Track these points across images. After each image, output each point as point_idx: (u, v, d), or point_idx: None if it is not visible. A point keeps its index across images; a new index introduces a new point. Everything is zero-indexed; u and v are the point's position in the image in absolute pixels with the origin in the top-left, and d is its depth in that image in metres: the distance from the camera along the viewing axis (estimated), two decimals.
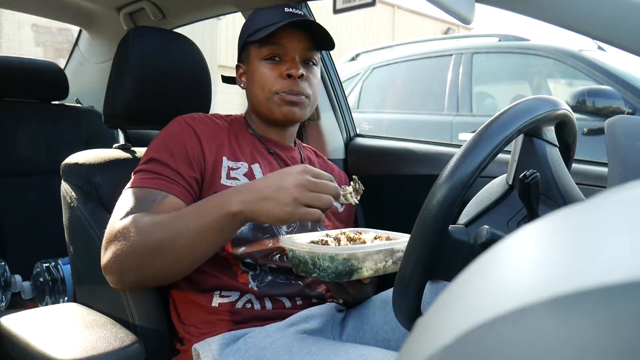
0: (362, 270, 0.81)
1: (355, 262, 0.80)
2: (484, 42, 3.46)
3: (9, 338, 0.90)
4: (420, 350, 0.23)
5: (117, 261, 0.83)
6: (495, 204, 0.76)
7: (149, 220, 0.83)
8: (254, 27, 1.04)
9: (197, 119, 1.01)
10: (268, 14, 1.03)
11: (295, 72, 1.00)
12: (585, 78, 2.82)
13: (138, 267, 0.83)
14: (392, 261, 0.85)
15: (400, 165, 1.44)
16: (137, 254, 0.82)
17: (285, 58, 1.03)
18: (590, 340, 0.17)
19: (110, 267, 0.85)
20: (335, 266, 0.80)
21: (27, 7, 1.89)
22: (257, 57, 1.04)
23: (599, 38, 0.71)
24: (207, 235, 0.81)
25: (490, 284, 0.22)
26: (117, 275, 0.85)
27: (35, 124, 1.76)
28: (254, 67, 1.04)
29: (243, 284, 0.95)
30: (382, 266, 0.84)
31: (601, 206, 0.24)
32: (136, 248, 0.81)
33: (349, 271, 0.80)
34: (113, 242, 0.84)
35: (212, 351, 0.87)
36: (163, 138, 0.97)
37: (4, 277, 1.52)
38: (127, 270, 0.84)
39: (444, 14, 0.73)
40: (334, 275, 0.80)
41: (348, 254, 0.80)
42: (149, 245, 0.81)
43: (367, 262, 0.81)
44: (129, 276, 0.85)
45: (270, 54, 1.02)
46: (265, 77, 1.02)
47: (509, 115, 0.67)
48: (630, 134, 0.55)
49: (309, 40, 1.04)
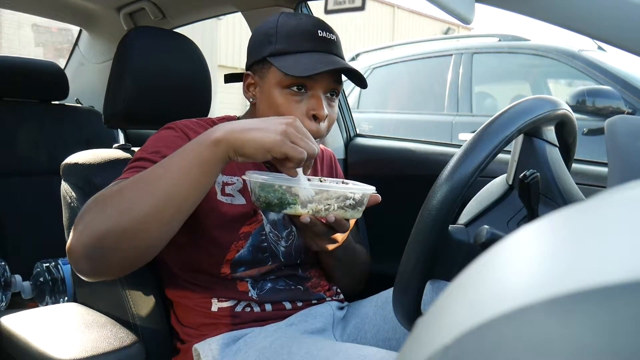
0: (297, 207, 0.77)
1: (290, 196, 0.77)
2: (484, 42, 3.46)
3: (9, 338, 0.90)
4: (420, 350, 0.23)
5: (89, 233, 0.72)
6: (495, 204, 0.77)
7: (124, 182, 0.76)
8: (279, 45, 0.91)
9: (191, 127, 0.94)
10: (297, 32, 0.91)
11: (321, 115, 0.89)
12: (585, 78, 2.82)
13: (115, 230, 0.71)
14: (339, 206, 0.79)
15: (400, 165, 1.44)
16: (116, 210, 0.72)
17: (311, 92, 0.91)
18: (590, 340, 0.17)
19: (82, 241, 0.72)
20: (265, 195, 0.77)
21: (27, 7, 1.89)
22: (277, 82, 0.91)
23: (599, 38, 0.71)
24: (188, 172, 0.72)
25: (490, 284, 0.22)
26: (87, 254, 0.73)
27: (35, 124, 1.76)
28: (271, 92, 0.92)
29: (242, 292, 0.94)
30: (325, 208, 0.78)
31: (601, 206, 0.24)
32: (114, 203, 0.72)
33: (278, 203, 0.77)
34: (87, 211, 0.74)
35: (212, 351, 0.87)
36: (155, 140, 0.91)
37: (4, 277, 1.52)
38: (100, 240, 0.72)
39: (444, 14, 0.73)
40: (265, 205, 0.78)
41: (279, 185, 0.76)
42: (125, 195, 0.72)
43: (307, 201, 0.77)
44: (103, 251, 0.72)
45: (293, 84, 0.90)
46: (283, 108, 0.90)
47: (509, 115, 0.67)
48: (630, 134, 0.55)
49: (336, 73, 0.92)
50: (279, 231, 0.98)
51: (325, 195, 0.78)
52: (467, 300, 0.22)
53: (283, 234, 0.98)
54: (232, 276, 0.92)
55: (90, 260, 0.74)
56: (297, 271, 0.99)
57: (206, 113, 1.23)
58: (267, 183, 0.77)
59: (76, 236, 0.73)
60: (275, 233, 0.97)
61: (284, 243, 0.97)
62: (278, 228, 0.98)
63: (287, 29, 0.91)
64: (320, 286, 1.02)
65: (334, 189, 0.78)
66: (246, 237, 0.93)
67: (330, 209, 0.79)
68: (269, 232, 0.96)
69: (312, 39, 0.90)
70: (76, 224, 0.74)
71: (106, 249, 0.72)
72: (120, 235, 0.71)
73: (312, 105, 0.90)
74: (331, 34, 0.93)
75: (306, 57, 0.89)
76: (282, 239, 0.98)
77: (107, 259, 0.73)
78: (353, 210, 0.81)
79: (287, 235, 0.98)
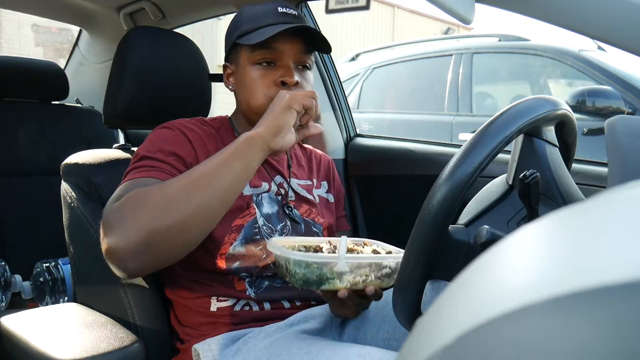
0: (336, 281, 0.78)
1: (327, 271, 0.77)
2: (484, 42, 3.46)
3: (9, 338, 0.90)
4: (420, 350, 0.23)
5: (136, 232, 0.74)
6: (495, 204, 0.76)
7: (161, 183, 0.80)
8: (244, 27, 0.97)
9: (187, 126, 0.97)
10: (260, 13, 0.97)
11: (290, 80, 0.94)
12: (585, 78, 2.82)
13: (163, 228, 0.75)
14: (376, 276, 0.81)
15: (400, 165, 1.44)
16: (158, 210, 0.75)
17: (279, 63, 0.96)
18: (590, 340, 0.17)
19: (128, 243, 0.75)
20: (303, 273, 0.77)
21: (27, 7, 1.89)
22: (248, 60, 0.97)
23: (599, 38, 0.71)
24: (230, 166, 0.79)
25: (490, 284, 0.22)
26: (138, 253, 0.75)
27: (35, 124, 1.76)
28: (245, 72, 0.98)
29: (240, 291, 0.94)
30: (363, 280, 0.80)
31: (601, 206, 0.24)
32: (155, 204, 0.75)
33: (317, 280, 0.77)
34: (121, 213, 0.77)
35: (212, 351, 0.87)
36: (154, 139, 0.93)
37: (4, 277, 1.52)
38: (151, 237, 0.75)
39: (444, 14, 0.73)
40: (302, 282, 0.77)
41: (318, 263, 0.77)
42: (168, 197, 0.76)
43: (344, 274, 0.78)
44: (152, 245, 0.75)
45: (262, 58, 0.96)
46: (256, 83, 0.96)
47: (509, 115, 0.67)
48: (630, 134, 0.55)
49: (304, 43, 0.97)
50: (273, 224, 0.98)
51: (361, 267, 0.78)
52: (467, 300, 0.22)
53: (277, 227, 0.99)
54: (229, 270, 0.93)
55: (138, 258, 0.76)
56: None
57: (206, 113, 1.23)
58: (303, 260, 0.76)
59: (120, 236, 0.75)
60: (269, 226, 0.98)
61: (278, 236, 0.98)
62: (272, 221, 0.99)
63: (251, 12, 0.99)
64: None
65: (368, 260, 0.79)
66: (238, 229, 0.94)
67: (368, 280, 0.80)
68: (262, 225, 0.97)
69: (274, 14, 0.97)
70: (113, 226, 0.77)
71: (156, 246, 0.75)
72: (169, 231, 0.75)
73: (281, 74, 0.96)
74: (292, 10, 0.99)
75: (268, 28, 0.94)
76: (276, 232, 0.98)
77: (155, 255, 0.77)
78: (389, 279, 0.82)
79: (281, 228, 0.99)
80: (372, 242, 0.93)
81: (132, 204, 0.77)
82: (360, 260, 0.78)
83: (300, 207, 1.05)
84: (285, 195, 1.04)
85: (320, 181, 1.15)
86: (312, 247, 0.86)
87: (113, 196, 0.84)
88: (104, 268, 0.97)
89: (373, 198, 1.48)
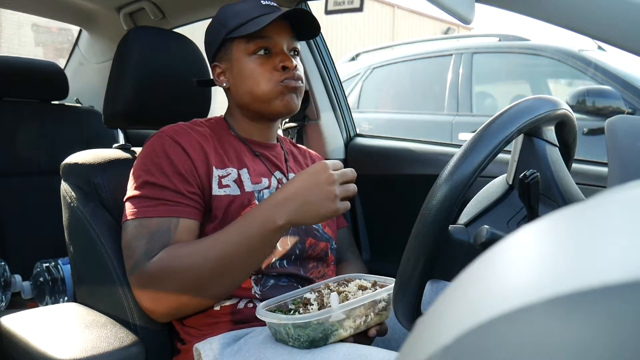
0: (340, 331, 0.78)
1: (329, 325, 0.77)
2: (484, 42, 3.46)
3: (9, 338, 0.90)
4: (420, 350, 0.23)
5: (173, 301, 0.86)
6: (495, 204, 0.76)
7: (190, 251, 0.86)
8: (233, 22, 1.00)
9: (180, 132, 0.97)
10: (244, 8, 1.01)
11: (290, 64, 0.98)
12: (585, 78, 2.82)
13: (196, 298, 0.87)
14: (375, 313, 0.81)
15: (400, 165, 1.44)
16: (193, 288, 0.85)
17: (275, 50, 1.00)
18: (590, 340, 0.17)
19: (164, 309, 0.88)
20: (307, 334, 0.77)
21: (27, 7, 1.89)
22: (244, 52, 1.00)
23: (599, 38, 0.71)
24: (257, 251, 0.85)
25: (490, 284, 0.22)
26: (172, 313, 0.90)
27: (35, 124, 1.75)
28: (242, 64, 1.00)
29: (246, 289, 0.94)
30: (363, 321, 0.80)
31: (601, 206, 0.24)
32: (190, 283, 0.85)
33: (323, 336, 0.77)
34: (157, 284, 0.86)
35: (213, 351, 0.87)
36: (151, 156, 0.93)
37: (4, 277, 1.52)
38: (184, 306, 0.88)
39: (444, 14, 0.73)
40: (308, 344, 0.77)
41: (317, 320, 0.76)
42: (203, 277, 0.84)
43: (345, 321, 0.78)
44: (183, 309, 0.90)
45: (258, 48, 0.99)
46: (257, 71, 0.99)
47: (509, 115, 0.67)
48: (630, 134, 0.55)
49: (292, 30, 1.02)
50: None
51: (356, 310, 0.79)
52: (467, 300, 0.22)
53: None
54: None
55: (169, 318, 0.93)
56: (299, 271, 0.99)
57: (206, 113, 1.23)
58: (302, 323, 0.77)
59: (157, 303, 0.87)
60: None
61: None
62: None
63: (234, 10, 1.02)
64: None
65: (360, 303, 0.79)
66: None
67: (368, 319, 0.81)
68: None
69: (258, 7, 1.01)
70: (149, 291, 0.87)
71: (187, 311, 0.91)
72: (199, 303, 0.89)
73: (280, 59, 0.99)
74: (273, 2, 1.03)
75: (260, 19, 0.98)
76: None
77: (185, 314, 0.93)
78: (386, 311, 0.84)
79: None
80: (354, 276, 0.94)
81: (167, 274, 0.85)
82: (353, 305, 0.79)
83: None
84: None
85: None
86: (301, 302, 0.86)
87: (135, 244, 0.88)
88: (104, 268, 0.98)
89: (373, 198, 1.48)
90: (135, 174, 0.94)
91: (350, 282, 0.91)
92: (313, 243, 1.02)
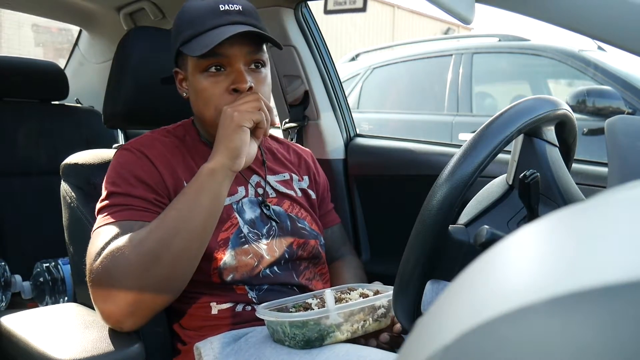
0: (337, 334, 0.77)
1: (325, 326, 0.77)
2: (484, 42, 3.46)
3: (9, 338, 0.90)
4: (420, 350, 0.23)
5: (125, 295, 0.78)
6: (495, 204, 0.76)
7: (135, 234, 0.80)
8: (186, 33, 0.90)
9: (146, 144, 0.94)
10: (200, 14, 0.89)
11: (242, 87, 0.88)
12: (585, 78, 2.82)
13: (151, 287, 0.78)
14: (374, 319, 0.81)
15: (400, 165, 1.43)
16: (143, 271, 0.78)
17: (229, 68, 0.90)
18: (590, 340, 0.17)
19: (121, 308, 0.79)
20: (303, 333, 0.76)
21: (27, 7, 1.89)
22: (196, 68, 0.91)
23: (599, 38, 0.71)
24: (199, 203, 0.82)
25: (490, 284, 0.22)
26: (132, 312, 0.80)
27: (35, 124, 1.75)
28: (194, 80, 0.92)
29: (241, 294, 0.94)
30: (361, 326, 0.80)
31: (601, 206, 0.24)
32: (139, 265, 0.78)
33: (319, 337, 0.77)
34: (106, 278, 0.79)
35: (213, 350, 0.87)
36: (117, 170, 0.90)
37: (4, 277, 1.52)
38: (141, 301, 0.79)
39: (444, 14, 0.73)
40: (303, 343, 0.77)
41: (314, 319, 0.76)
42: (152, 252, 0.78)
43: (342, 324, 0.78)
44: (142, 306, 0.80)
45: (210, 65, 0.89)
46: (207, 92, 0.90)
47: (509, 115, 0.67)
48: (630, 134, 0.55)
49: (252, 42, 0.90)
50: (258, 229, 0.96)
51: (354, 313, 0.79)
52: (467, 300, 0.22)
53: (263, 231, 0.97)
54: (224, 283, 0.92)
55: (133, 317, 0.81)
56: (292, 277, 0.98)
57: None
58: (299, 320, 0.77)
59: (111, 302, 0.79)
60: (254, 232, 0.96)
61: (265, 240, 0.96)
62: (257, 226, 0.96)
63: (190, 14, 0.91)
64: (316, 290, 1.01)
65: (359, 306, 0.79)
66: (225, 243, 0.92)
67: (366, 325, 0.81)
68: (247, 233, 0.95)
69: (214, 14, 0.89)
70: (101, 291, 0.80)
71: (147, 302, 0.80)
72: (156, 286, 0.80)
73: (232, 80, 0.90)
74: (234, 5, 0.90)
75: (211, 34, 0.87)
76: (263, 236, 0.96)
77: (149, 308, 0.82)
78: (386, 319, 0.83)
79: (267, 231, 0.97)
80: (357, 285, 0.93)
81: (113, 265, 0.78)
82: (351, 307, 0.79)
83: (282, 204, 1.02)
84: (264, 194, 1.01)
85: (303, 175, 1.12)
86: (302, 307, 0.85)
87: (93, 250, 0.83)
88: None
89: (373, 198, 1.48)
90: (103, 187, 0.90)
91: (353, 291, 0.91)
92: (302, 243, 1.00)
